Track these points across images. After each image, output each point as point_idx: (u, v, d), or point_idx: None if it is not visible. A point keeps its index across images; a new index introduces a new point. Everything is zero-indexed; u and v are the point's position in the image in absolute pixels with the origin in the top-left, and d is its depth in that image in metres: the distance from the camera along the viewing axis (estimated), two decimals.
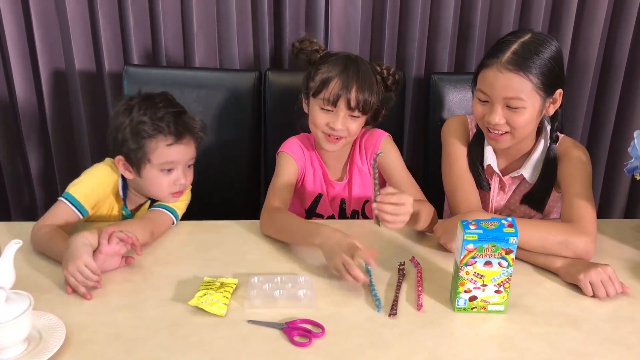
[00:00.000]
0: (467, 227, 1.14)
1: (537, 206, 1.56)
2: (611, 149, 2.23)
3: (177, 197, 1.51)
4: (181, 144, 1.45)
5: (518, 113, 1.39)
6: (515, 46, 1.37)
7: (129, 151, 1.44)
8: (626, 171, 1.46)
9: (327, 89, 1.50)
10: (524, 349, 1.10)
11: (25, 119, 2.06)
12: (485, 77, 1.40)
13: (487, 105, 1.42)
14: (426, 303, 1.23)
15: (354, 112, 1.51)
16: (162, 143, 1.43)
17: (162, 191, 1.49)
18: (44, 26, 1.96)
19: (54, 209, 1.43)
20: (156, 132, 1.42)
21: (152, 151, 1.43)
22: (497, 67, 1.36)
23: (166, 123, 1.42)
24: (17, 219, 2.21)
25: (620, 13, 2.03)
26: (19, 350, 1.05)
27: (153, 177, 1.46)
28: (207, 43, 2.00)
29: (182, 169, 1.48)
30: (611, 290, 1.24)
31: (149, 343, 1.10)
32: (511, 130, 1.42)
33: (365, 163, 1.65)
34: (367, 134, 1.66)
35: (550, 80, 1.38)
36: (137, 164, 1.45)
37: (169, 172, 1.47)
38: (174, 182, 1.48)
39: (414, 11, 1.98)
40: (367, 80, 1.51)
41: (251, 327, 1.15)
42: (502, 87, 1.37)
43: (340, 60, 1.53)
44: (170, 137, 1.43)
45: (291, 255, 1.41)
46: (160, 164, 1.45)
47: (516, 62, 1.35)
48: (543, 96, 1.39)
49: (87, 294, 1.21)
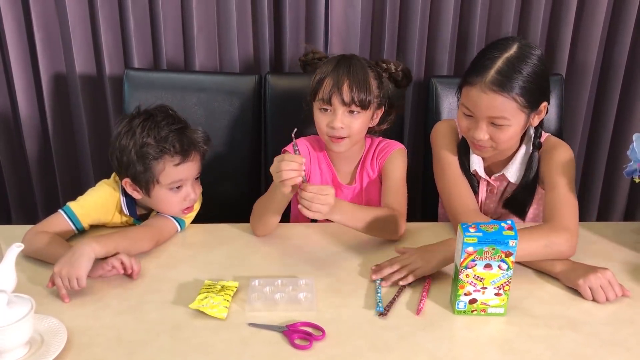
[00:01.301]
0: (467, 230, 1.14)
1: (518, 211, 1.56)
2: (610, 151, 2.23)
3: (188, 213, 1.51)
4: (188, 161, 1.44)
5: (502, 130, 1.39)
6: (500, 64, 1.35)
7: (136, 173, 1.42)
8: (625, 174, 1.46)
9: (322, 88, 1.50)
10: (524, 352, 1.11)
11: (26, 122, 2.06)
12: (469, 95, 1.39)
13: (471, 120, 1.42)
14: (426, 306, 1.23)
15: (350, 108, 1.49)
16: (169, 163, 1.41)
17: (174, 209, 1.48)
18: (45, 29, 1.96)
19: (51, 219, 1.45)
20: (162, 153, 1.40)
21: (160, 172, 1.42)
22: (481, 87, 1.35)
23: (171, 143, 1.40)
24: (17, 221, 2.22)
25: (620, 15, 2.03)
26: (20, 354, 1.06)
27: (163, 196, 1.45)
28: (207, 46, 2.01)
29: (190, 184, 1.48)
30: (611, 295, 1.24)
31: (150, 346, 1.10)
32: (494, 145, 1.43)
33: (376, 171, 1.64)
34: (382, 143, 1.65)
35: (535, 97, 1.38)
36: (145, 186, 1.44)
37: (178, 190, 1.46)
38: (183, 198, 1.47)
39: (414, 14, 1.98)
40: (360, 75, 1.50)
41: (252, 330, 1.15)
42: (486, 107, 1.36)
43: (333, 60, 1.54)
44: (177, 157, 1.42)
45: (292, 258, 1.41)
46: (169, 184, 1.44)
47: (500, 83, 1.33)
48: (527, 113, 1.39)
49: (66, 297, 1.22)
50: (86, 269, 1.22)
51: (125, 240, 1.35)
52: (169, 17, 1.97)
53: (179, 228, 1.51)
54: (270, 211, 1.47)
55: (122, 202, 1.50)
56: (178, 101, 1.84)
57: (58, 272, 1.21)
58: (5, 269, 1.14)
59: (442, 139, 1.59)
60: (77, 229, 1.47)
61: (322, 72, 1.52)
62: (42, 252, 1.36)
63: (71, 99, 2.07)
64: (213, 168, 1.91)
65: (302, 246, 1.47)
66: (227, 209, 1.73)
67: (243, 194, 1.97)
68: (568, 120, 2.09)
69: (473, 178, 1.56)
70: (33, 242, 1.36)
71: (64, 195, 2.17)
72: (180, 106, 1.82)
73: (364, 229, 1.44)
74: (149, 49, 2.02)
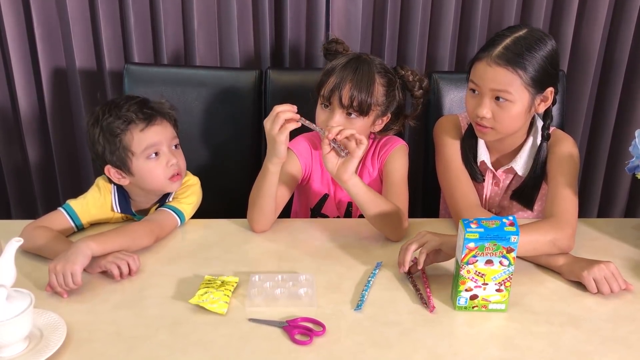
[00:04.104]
0: (468, 226, 1.14)
1: (526, 202, 1.56)
2: (612, 148, 2.23)
3: (177, 181, 1.49)
4: (154, 125, 1.45)
5: (505, 108, 1.39)
6: (508, 41, 1.38)
7: (112, 155, 1.44)
8: (627, 170, 1.45)
9: (325, 85, 1.48)
10: (525, 348, 1.10)
11: (26, 117, 2.06)
12: (476, 69, 1.42)
13: (477, 97, 1.43)
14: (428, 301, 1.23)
15: (348, 110, 1.47)
16: (135, 130, 1.43)
17: (159, 178, 1.47)
18: (45, 24, 1.96)
19: (51, 216, 1.45)
20: (126, 124, 1.42)
21: (130, 142, 1.43)
22: (487, 60, 1.38)
23: (132, 112, 1.43)
24: (17, 216, 2.22)
25: (621, 12, 2.03)
26: (19, 349, 1.05)
27: (143, 167, 1.45)
28: (207, 41, 2.00)
29: (167, 150, 1.47)
30: (615, 287, 1.24)
31: (149, 341, 1.10)
32: (495, 126, 1.42)
33: (377, 168, 1.62)
34: (384, 140, 1.63)
35: (540, 77, 1.38)
36: (124, 164, 1.44)
37: (157, 157, 1.46)
38: (166, 165, 1.46)
39: (415, 10, 1.98)
40: (365, 79, 1.46)
41: (252, 325, 1.15)
42: (490, 79, 1.38)
43: (345, 59, 1.51)
44: (141, 123, 1.44)
45: (292, 254, 1.41)
46: (143, 151, 1.44)
47: (506, 57, 1.36)
48: (532, 92, 1.39)
49: (64, 293, 1.21)
50: (81, 264, 1.22)
51: (125, 238, 1.35)
52: (169, 11, 1.96)
53: (179, 222, 1.50)
54: (264, 195, 1.44)
55: (114, 201, 1.51)
56: (178, 96, 1.83)
57: (53, 268, 1.21)
58: (5, 264, 1.13)
59: (444, 134, 1.59)
60: (76, 227, 1.47)
61: (331, 67, 1.50)
62: (44, 249, 1.35)
63: (71, 94, 2.07)
64: (213, 163, 1.91)
65: (302, 242, 1.47)
66: (226, 203, 1.73)
67: (243, 188, 1.95)
68: (569, 116, 2.09)
69: (477, 167, 1.55)
70: (34, 238, 1.36)
71: (63, 190, 2.17)
72: (180, 101, 1.83)
73: (370, 210, 1.41)
74: (149, 43, 2.02)
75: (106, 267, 1.27)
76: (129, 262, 1.28)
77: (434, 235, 1.28)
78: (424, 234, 1.30)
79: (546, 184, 1.51)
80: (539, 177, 1.51)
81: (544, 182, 1.52)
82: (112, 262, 1.27)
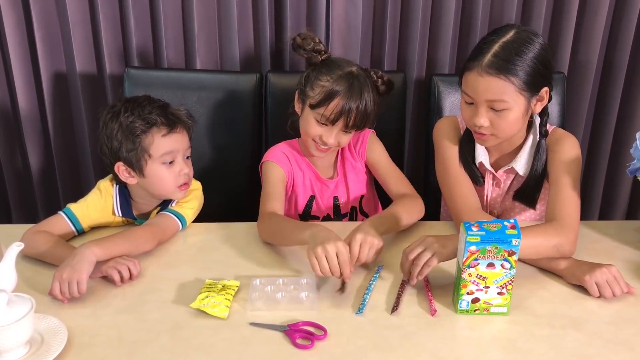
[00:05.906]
0: (470, 229, 1.14)
1: (529, 202, 1.55)
2: (613, 150, 2.22)
3: (185, 190, 1.50)
4: (175, 133, 1.46)
5: (502, 116, 1.37)
6: (496, 47, 1.34)
7: (128, 153, 1.43)
8: (629, 172, 1.45)
9: (328, 107, 1.48)
10: (527, 351, 1.10)
11: (26, 120, 2.06)
12: (467, 80, 1.39)
13: (472, 107, 1.41)
14: (428, 305, 1.23)
15: (349, 129, 1.52)
16: (157, 135, 1.43)
17: (169, 185, 1.47)
18: (45, 28, 1.95)
19: (51, 220, 1.45)
20: (149, 125, 1.42)
21: (150, 145, 1.43)
22: (478, 70, 1.35)
23: (156, 115, 1.43)
24: (17, 220, 2.21)
25: (622, 13, 2.03)
26: (20, 353, 1.05)
27: (157, 172, 1.45)
28: (208, 45, 2.00)
29: (181, 159, 1.48)
30: (617, 290, 1.24)
31: (150, 346, 1.10)
32: (496, 133, 1.41)
33: (358, 159, 1.67)
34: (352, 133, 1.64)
35: (533, 79, 1.35)
36: (137, 164, 1.44)
37: (171, 165, 1.46)
38: (178, 173, 1.47)
39: (415, 13, 1.98)
40: (369, 103, 1.51)
41: (253, 329, 1.15)
42: (483, 90, 1.36)
43: (344, 79, 1.49)
44: (164, 128, 1.44)
45: (293, 258, 1.41)
46: (161, 156, 1.44)
47: (496, 66, 1.33)
48: (527, 96, 1.37)
49: (65, 299, 1.21)
50: (87, 272, 1.22)
51: (127, 242, 1.35)
52: (169, 15, 1.96)
53: (180, 227, 1.50)
54: (286, 242, 1.43)
55: (115, 204, 1.50)
56: (179, 99, 1.83)
57: (59, 276, 1.20)
58: (5, 268, 1.13)
59: (444, 137, 1.58)
60: (77, 231, 1.46)
61: (330, 88, 1.49)
62: (46, 254, 1.35)
63: (71, 97, 2.07)
64: (214, 166, 1.91)
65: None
66: (227, 207, 1.73)
67: (243, 191, 1.96)
68: (570, 119, 2.09)
69: (477, 171, 1.55)
70: (34, 243, 1.35)
71: (64, 193, 2.17)
72: (180, 104, 1.81)
73: (400, 227, 1.48)
74: (149, 47, 2.02)
75: (107, 272, 1.27)
76: (130, 267, 1.28)
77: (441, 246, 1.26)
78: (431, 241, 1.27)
79: (547, 182, 1.51)
80: (540, 176, 1.51)
81: (545, 180, 1.52)
82: (112, 267, 1.27)
